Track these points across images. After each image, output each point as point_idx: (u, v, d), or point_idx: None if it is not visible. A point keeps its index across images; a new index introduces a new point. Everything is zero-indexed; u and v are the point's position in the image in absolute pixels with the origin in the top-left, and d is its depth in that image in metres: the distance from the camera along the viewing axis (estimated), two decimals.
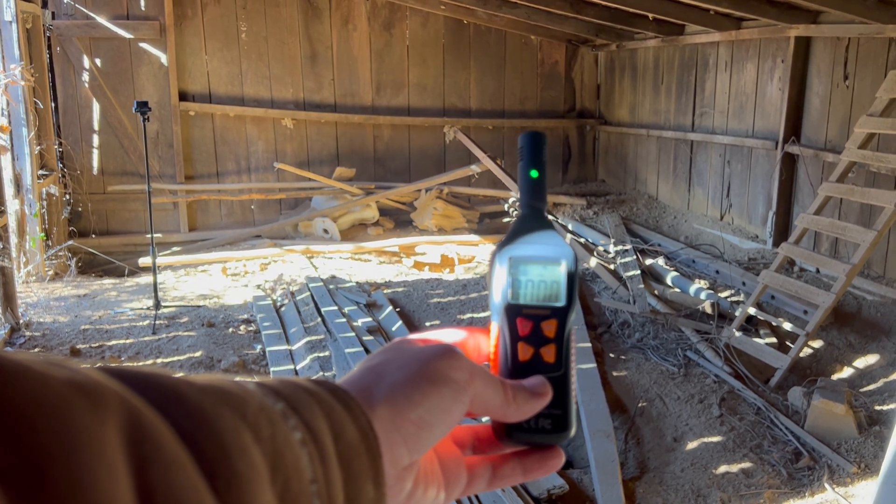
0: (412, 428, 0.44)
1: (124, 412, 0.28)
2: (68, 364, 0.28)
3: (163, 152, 7.54)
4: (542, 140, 0.55)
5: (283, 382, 0.40)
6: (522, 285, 0.52)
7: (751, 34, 6.07)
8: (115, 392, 0.29)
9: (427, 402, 0.44)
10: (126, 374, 0.31)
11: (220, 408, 0.34)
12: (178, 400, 0.32)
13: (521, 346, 0.51)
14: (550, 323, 0.51)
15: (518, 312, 0.52)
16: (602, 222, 7.08)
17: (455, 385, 0.46)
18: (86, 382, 0.28)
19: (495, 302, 0.53)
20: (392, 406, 0.44)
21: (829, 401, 3.57)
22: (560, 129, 8.88)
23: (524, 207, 0.55)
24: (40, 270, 6.09)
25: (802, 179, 5.72)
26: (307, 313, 5.10)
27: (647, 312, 4.87)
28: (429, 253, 6.84)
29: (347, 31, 7.93)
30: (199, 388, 0.34)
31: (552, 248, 0.52)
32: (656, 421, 3.81)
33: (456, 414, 0.46)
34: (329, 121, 7.99)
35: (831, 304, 4.15)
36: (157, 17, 7.27)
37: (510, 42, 8.45)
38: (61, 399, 0.26)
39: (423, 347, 0.48)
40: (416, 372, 0.46)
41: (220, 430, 0.33)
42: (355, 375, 0.47)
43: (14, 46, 5.78)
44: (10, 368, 0.25)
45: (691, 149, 7.18)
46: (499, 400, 0.48)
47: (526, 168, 0.54)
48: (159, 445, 0.29)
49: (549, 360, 0.51)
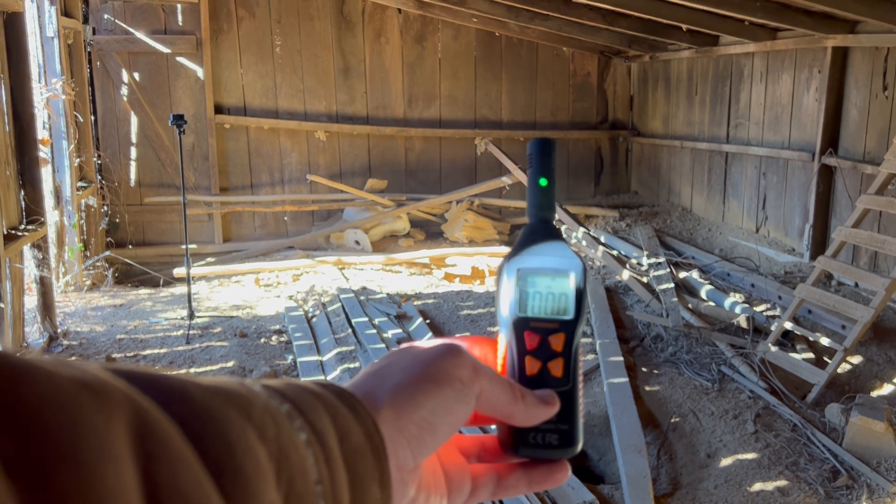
0: (416, 429, 0.44)
1: (131, 410, 0.29)
2: (76, 364, 0.29)
3: (198, 164, 7.65)
4: (552, 147, 0.54)
5: (288, 385, 0.41)
6: (530, 297, 0.51)
7: (786, 45, 6.00)
8: (122, 391, 0.29)
9: (430, 403, 0.44)
10: (133, 373, 0.32)
11: (226, 407, 0.34)
12: (184, 399, 0.33)
13: (529, 360, 0.51)
14: (558, 337, 0.51)
15: (526, 326, 0.51)
16: (635, 234, 7.02)
17: (459, 384, 0.45)
18: (93, 381, 0.28)
19: (503, 314, 0.52)
20: (395, 408, 0.44)
21: (868, 418, 3.48)
22: (592, 140, 8.84)
23: (532, 217, 0.54)
24: (78, 280, 6.21)
25: (840, 191, 5.61)
26: (338, 324, 5.12)
27: (681, 326, 4.81)
28: (459, 265, 6.84)
29: (380, 44, 7.99)
30: (204, 388, 0.34)
31: (561, 259, 0.52)
32: (689, 437, 3.75)
33: (461, 414, 0.45)
34: (361, 133, 8.04)
35: (870, 319, 4.05)
36: (194, 31, 7.40)
37: (542, 54, 8.45)
38: (69, 396, 0.27)
39: (425, 349, 0.48)
40: (418, 373, 0.45)
41: (225, 429, 0.33)
42: (359, 380, 0.47)
43: (56, 61, 5.92)
44: (18, 367, 0.26)
45: (726, 160, 7.10)
46: (506, 397, 0.47)
47: (535, 176, 0.53)
48: (165, 443, 0.29)
49: (556, 374, 0.50)
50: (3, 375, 0.25)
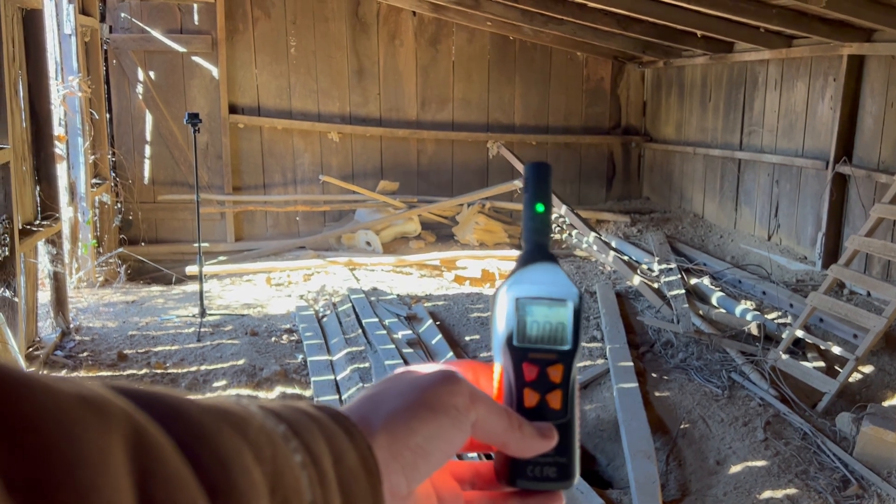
0: (410, 455, 0.43)
1: (129, 427, 0.29)
2: (75, 380, 0.29)
3: (212, 163, 7.69)
4: (549, 171, 0.53)
5: (285, 406, 0.41)
6: (528, 326, 0.51)
7: (802, 52, 5.98)
8: (121, 407, 0.29)
9: (425, 430, 0.44)
10: (131, 391, 0.32)
11: (223, 427, 0.34)
12: (182, 418, 0.33)
13: (528, 392, 0.50)
14: (556, 368, 0.50)
15: (524, 356, 0.50)
16: (646, 240, 7.01)
17: (454, 412, 0.45)
18: (92, 397, 0.28)
19: (500, 342, 0.51)
20: (390, 433, 0.43)
21: (880, 428, 3.46)
22: (605, 145, 8.83)
23: (529, 243, 0.53)
24: (91, 276, 6.25)
25: (853, 200, 5.59)
26: (348, 324, 5.14)
27: (692, 332, 4.80)
28: (470, 267, 6.84)
29: (394, 46, 8.02)
30: (202, 407, 0.34)
31: (558, 287, 0.51)
32: (699, 443, 3.75)
33: (456, 441, 0.45)
34: (374, 135, 8.07)
35: (883, 329, 4.03)
36: (210, 31, 7.45)
37: (556, 58, 8.45)
38: (68, 412, 0.27)
39: (421, 375, 0.47)
40: (414, 399, 0.45)
41: (221, 448, 0.33)
42: (355, 404, 0.46)
43: (73, 59, 5.97)
44: (18, 381, 0.26)
45: (739, 167, 7.08)
46: (502, 426, 0.47)
47: (532, 201, 0.53)
48: (162, 460, 0.29)
49: (555, 406, 0.50)
50: (3, 390, 0.26)
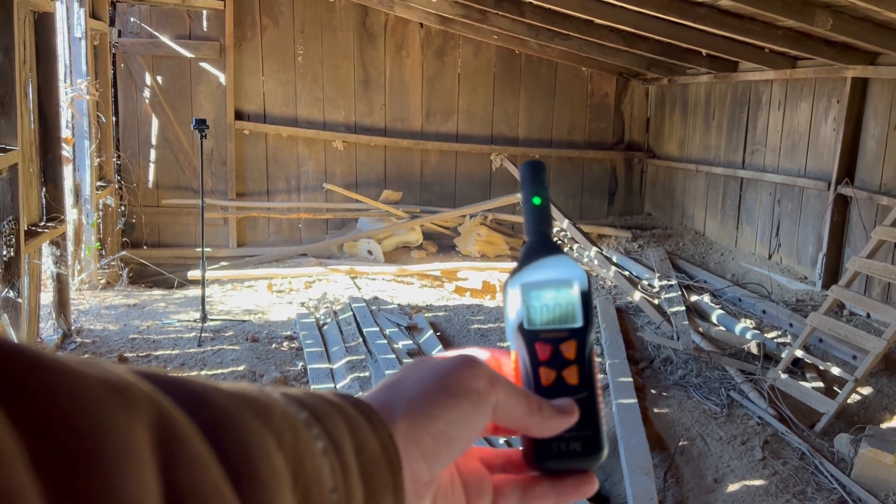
0: (432, 442, 0.43)
1: (154, 411, 0.29)
2: (102, 364, 0.29)
3: (216, 169, 7.72)
4: (542, 167, 0.56)
5: (307, 393, 0.41)
6: (537, 310, 0.51)
7: (806, 73, 6.02)
8: (146, 392, 0.30)
9: (446, 416, 0.44)
10: (156, 376, 0.32)
11: (246, 413, 0.34)
12: (205, 403, 0.33)
13: (543, 371, 0.50)
14: (570, 344, 0.51)
15: (536, 337, 0.51)
16: (647, 256, 7.03)
17: (475, 395, 0.45)
18: (118, 381, 0.29)
19: (512, 329, 0.52)
20: (410, 420, 0.43)
21: (878, 450, 3.47)
22: (608, 160, 8.87)
23: (531, 234, 0.54)
24: (93, 279, 6.27)
25: (855, 222, 5.61)
26: (349, 333, 5.15)
27: (691, 349, 4.81)
28: (471, 278, 6.86)
29: (401, 57, 8.06)
30: (225, 393, 0.35)
31: (563, 270, 0.52)
32: (697, 460, 3.75)
33: (477, 426, 0.45)
34: (378, 144, 8.10)
35: (882, 351, 4.05)
36: (218, 37, 7.49)
37: (561, 73, 8.50)
38: (95, 395, 0.27)
39: (441, 360, 0.47)
40: (434, 385, 0.45)
41: (244, 434, 0.33)
42: (375, 392, 0.46)
43: (82, 62, 6.01)
44: (47, 365, 0.27)
45: (741, 186, 7.11)
46: (523, 408, 0.47)
47: (529, 195, 0.55)
48: (186, 445, 0.30)
49: (572, 381, 0.50)
50: (33, 374, 0.26)
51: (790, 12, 4.54)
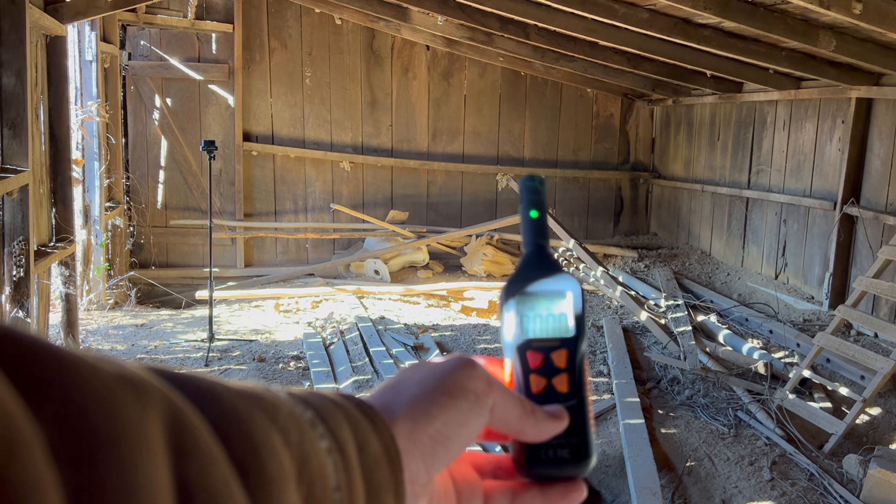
0: (430, 443, 0.44)
1: (166, 406, 0.30)
2: (116, 360, 0.30)
3: (224, 190, 7.78)
4: (539, 181, 0.57)
5: (311, 393, 0.42)
6: (530, 320, 0.53)
7: (810, 94, 6.05)
8: (158, 388, 0.30)
9: (444, 416, 0.44)
10: (169, 373, 0.33)
11: (253, 411, 0.35)
12: (215, 400, 0.34)
13: (534, 378, 0.51)
14: (560, 353, 0.52)
15: (528, 346, 0.52)
16: (653, 276, 7.03)
17: (473, 396, 0.45)
18: (132, 376, 0.30)
19: (506, 339, 0.53)
20: (410, 421, 0.44)
21: (887, 471, 3.45)
22: (613, 180, 8.90)
23: (528, 246, 0.56)
24: (101, 299, 6.30)
25: (861, 241, 5.61)
26: (355, 353, 5.16)
27: (698, 369, 4.80)
28: (477, 298, 6.87)
29: (407, 79, 8.14)
30: (234, 391, 0.35)
31: (556, 281, 0.53)
32: (704, 481, 3.74)
33: (474, 426, 0.46)
34: (385, 165, 8.15)
35: (890, 371, 4.03)
36: (227, 60, 7.58)
37: (566, 94, 8.55)
38: (109, 389, 0.28)
39: (440, 362, 0.48)
40: (433, 385, 0.46)
41: (252, 431, 0.34)
42: (376, 393, 0.47)
43: (93, 84, 6.08)
44: (64, 359, 0.28)
45: (747, 206, 7.12)
46: (517, 412, 0.48)
47: (526, 209, 0.56)
48: (197, 440, 0.31)
49: (562, 389, 0.51)
50: (52, 367, 0.27)
51: (794, 34, 4.57)
